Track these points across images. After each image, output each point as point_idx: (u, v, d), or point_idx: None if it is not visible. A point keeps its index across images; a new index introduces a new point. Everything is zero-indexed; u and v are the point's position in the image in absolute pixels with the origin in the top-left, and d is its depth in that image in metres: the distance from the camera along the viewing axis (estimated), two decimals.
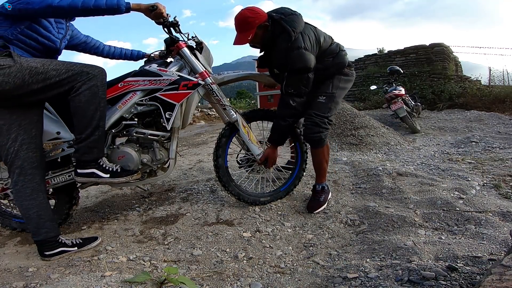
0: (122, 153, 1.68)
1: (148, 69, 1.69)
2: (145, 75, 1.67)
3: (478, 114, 5.71)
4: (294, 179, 2.09)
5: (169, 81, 1.65)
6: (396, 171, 2.47)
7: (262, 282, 1.27)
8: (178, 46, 1.77)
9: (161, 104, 1.66)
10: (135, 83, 1.65)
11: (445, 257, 1.26)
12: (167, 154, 1.79)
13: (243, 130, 1.88)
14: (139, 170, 1.69)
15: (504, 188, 2.08)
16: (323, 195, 1.98)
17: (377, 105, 7.31)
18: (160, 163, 1.79)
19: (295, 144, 2.10)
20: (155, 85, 1.65)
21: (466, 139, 3.88)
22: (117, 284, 1.10)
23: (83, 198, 2.37)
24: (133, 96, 1.66)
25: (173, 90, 1.66)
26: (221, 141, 1.93)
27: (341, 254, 1.47)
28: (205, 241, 1.62)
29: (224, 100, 1.85)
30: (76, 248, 1.54)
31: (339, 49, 1.92)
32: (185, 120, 1.80)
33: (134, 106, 1.67)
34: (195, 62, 1.78)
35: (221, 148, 1.93)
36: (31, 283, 1.27)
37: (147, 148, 1.76)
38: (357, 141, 3.79)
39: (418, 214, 1.75)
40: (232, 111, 1.88)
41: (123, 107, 1.65)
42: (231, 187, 1.95)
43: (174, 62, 1.80)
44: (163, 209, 2.04)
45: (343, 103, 5.84)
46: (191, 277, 1.31)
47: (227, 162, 1.96)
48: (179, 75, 1.68)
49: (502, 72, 9.23)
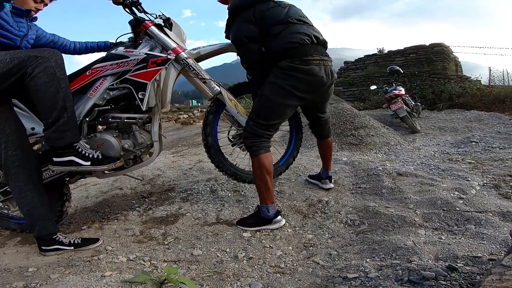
0: (100, 141, 1.62)
1: (115, 52, 1.65)
2: (112, 59, 1.62)
3: (478, 114, 5.71)
4: (292, 151, 2.01)
5: (136, 60, 1.60)
6: (396, 171, 2.47)
7: (262, 282, 1.27)
8: (145, 25, 1.71)
9: (132, 85, 1.61)
10: (103, 69, 1.60)
11: (445, 257, 1.26)
12: (150, 137, 1.73)
13: (229, 104, 1.79)
14: (121, 157, 1.64)
15: (504, 188, 2.08)
16: (253, 219, 1.74)
17: (377, 105, 7.30)
18: (143, 147, 1.73)
19: (291, 128, 2.06)
20: (123, 67, 1.60)
21: (466, 139, 3.88)
22: (117, 284, 1.10)
23: (83, 198, 2.37)
24: (103, 81, 1.61)
25: (142, 69, 1.60)
26: (208, 118, 1.85)
27: (341, 254, 1.47)
28: (205, 241, 1.62)
29: (203, 73, 1.76)
30: (72, 247, 1.54)
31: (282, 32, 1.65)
32: (164, 99, 1.72)
33: (107, 92, 1.62)
34: (166, 39, 1.71)
35: (209, 126, 1.84)
36: (31, 283, 1.27)
37: (127, 133, 1.70)
38: (357, 141, 3.79)
39: (418, 214, 1.75)
40: (213, 84, 1.79)
41: (94, 94, 1.60)
42: (226, 167, 1.86)
43: (143, 43, 1.74)
44: (163, 209, 2.04)
45: (343, 103, 5.84)
46: (191, 277, 1.31)
47: (217, 140, 1.87)
48: (146, 53, 1.63)
49: (502, 72, 9.24)
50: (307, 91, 1.69)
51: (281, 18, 1.68)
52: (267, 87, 1.67)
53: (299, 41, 1.63)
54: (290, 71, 1.63)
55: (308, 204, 2.02)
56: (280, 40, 1.63)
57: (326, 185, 2.20)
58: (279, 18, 1.68)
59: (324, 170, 2.22)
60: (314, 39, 1.69)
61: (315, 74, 1.65)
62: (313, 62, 1.65)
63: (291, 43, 1.62)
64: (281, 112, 1.70)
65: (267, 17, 1.68)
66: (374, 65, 9.25)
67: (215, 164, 1.88)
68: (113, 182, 2.73)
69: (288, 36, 1.63)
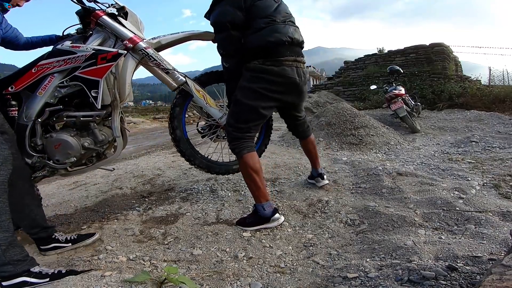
0: (58, 141, 1.52)
1: (60, 48, 1.52)
2: (58, 55, 1.49)
3: (478, 114, 5.71)
4: (263, 138, 1.99)
5: (84, 57, 1.48)
6: (396, 171, 2.47)
7: (262, 282, 1.27)
8: (95, 15, 1.58)
9: (83, 83, 1.49)
10: (50, 66, 1.48)
11: (445, 257, 1.26)
12: (111, 133, 1.64)
13: (197, 95, 1.72)
14: (82, 156, 1.56)
15: (504, 188, 2.08)
16: (251, 218, 1.72)
17: (377, 104, 7.31)
18: (104, 144, 1.64)
19: None
20: (70, 63, 1.48)
21: (466, 139, 3.88)
22: (117, 284, 1.10)
23: (82, 198, 2.37)
24: (52, 79, 1.49)
25: (92, 65, 1.48)
26: (174, 111, 1.79)
27: (341, 254, 1.47)
28: (205, 240, 1.62)
29: (165, 63, 1.68)
30: (70, 244, 1.54)
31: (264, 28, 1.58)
32: (122, 92, 1.61)
33: (57, 90, 1.50)
34: (121, 29, 1.59)
35: (176, 119, 1.77)
36: None
37: (86, 130, 1.60)
38: (357, 141, 3.79)
39: (418, 214, 1.75)
40: (177, 74, 1.70)
41: (44, 92, 1.48)
42: (198, 159, 1.81)
43: (94, 35, 1.61)
44: (163, 209, 2.04)
45: (343, 102, 5.85)
46: (191, 276, 1.30)
47: (186, 133, 1.81)
48: (94, 49, 1.50)
49: (502, 72, 9.26)
50: (281, 92, 1.67)
51: (269, 13, 1.63)
52: (240, 92, 1.65)
53: (277, 41, 1.60)
54: (260, 73, 1.60)
55: (308, 204, 2.03)
56: (259, 37, 1.59)
57: (320, 183, 2.21)
58: (267, 13, 1.63)
59: (314, 169, 2.23)
60: (292, 40, 1.67)
61: (286, 75, 1.63)
62: (285, 63, 1.63)
63: (268, 42, 1.59)
64: (259, 114, 1.67)
65: (257, 7, 1.61)
66: (374, 65, 9.27)
67: (185, 158, 1.82)
68: (113, 181, 2.73)
69: (268, 34, 1.59)
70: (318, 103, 7.58)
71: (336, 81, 9.68)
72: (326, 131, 4.05)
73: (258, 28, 1.60)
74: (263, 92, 1.62)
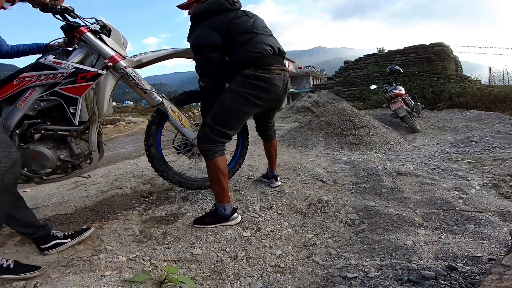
0: (34, 153, 1.55)
1: (43, 62, 1.55)
2: (40, 69, 1.53)
3: (478, 114, 5.71)
4: (238, 158, 2.05)
5: (65, 74, 1.52)
6: (396, 171, 2.47)
7: (262, 282, 1.27)
8: (79, 31, 1.62)
9: (62, 98, 1.53)
10: (31, 79, 1.51)
11: (444, 257, 1.26)
12: (88, 147, 1.68)
13: (172, 116, 1.78)
14: (58, 167, 1.60)
15: (504, 188, 2.08)
16: (210, 217, 1.75)
17: (377, 104, 7.31)
18: (80, 157, 1.67)
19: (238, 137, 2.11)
20: (51, 79, 1.52)
21: (466, 139, 3.88)
22: (117, 283, 1.10)
23: (82, 198, 2.37)
24: (32, 92, 1.52)
25: (71, 83, 1.52)
26: (150, 129, 1.84)
27: (341, 254, 1.47)
28: (205, 240, 1.62)
29: (143, 83, 1.74)
30: (69, 239, 1.54)
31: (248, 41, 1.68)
32: (101, 109, 1.65)
33: (37, 103, 1.53)
34: (102, 46, 1.64)
35: (152, 137, 1.83)
36: (31, 283, 1.27)
37: (62, 143, 1.62)
38: (357, 141, 3.79)
39: (418, 214, 1.75)
40: (155, 94, 1.77)
41: (23, 105, 1.51)
42: (171, 175, 1.87)
43: (77, 50, 1.66)
44: (163, 209, 2.04)
45: (343, 102, 5.84)
46: (191, 276, 1.31)
47: (161, 150, 1.88)
48: (75, 67, 1.54)
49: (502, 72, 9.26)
50: (264, 99, 1.73)
51: (247, 28, 1.71)
52: (228, 94, 1.69)
53: (263, 51, 1.68)
54: (253, 79, 1.66)
55: (308, 204, 2.03)
56: (245, 49, 1.66)
57: (273, 184, 2.26)
58: (246, 28, 1.71)
59: (270, 170, 2.29)
60: (276, 49, 1.75)
61: (275, 84, 1.71)
62: (275, 71, 1.70)
63: (255, 52, 1.66)
64: (239, 119, 1.74)
65: (235, 25, 1.69)
66: (374, 64, 9.27)
67: (159, 173, 1.89)
68: (113, 181, 2.73)
69: (253, 46, 1.67)
70: (318, 103, 7.57)
71: (336, 81, 9.68)
72: (326, 131, 4.05)
73: (242, 42, 1.68)
74: (250, 98, 1.67)
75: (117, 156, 4.74)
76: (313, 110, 7.08)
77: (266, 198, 2.10)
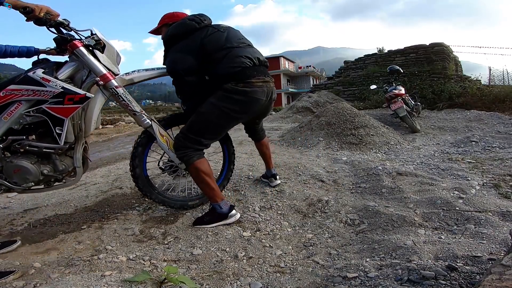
0: (16, 167, 1.52)
1: (31, 76, 1.48)
2: (28, 83, 1.47)
3: (478, 114, 5.71)
4: (222, 180, 2.09)
5: (52, 93, 1.47)
6: (396, 171, 2.47)
7: (262, 282, 1.27)
8: (72, 45, 1.57)
9: (49, 117, 1.50)
10: (18, 93, 1.46)
11: (444, 257, 1.26)
12: (72, 163, 1.65)
13: (160, 139, 1.78)
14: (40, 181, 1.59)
15: (504, 188, 2.08)
16: (209, 217, 1.77)
17: (377, 104, 7.31)
18: (64, 172, 1.65)
19: (223, 146, 2.10)
20: (39, 96, 1.47)
21: (466, 139, 3.88)
22: (117, 283, 1.10)
23: (82, 198, 2.37)
24: (19, 106, 1.48)
25: (59, 103, 1.49)
26: (137, 151, 1.83)
27: (341, 254, 1.47)
28: (205, 240, 1.62)
29: (132, 105, 1.71)
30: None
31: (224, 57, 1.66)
32: (88, 127, 1.63)
33: (23, 117, 1.49)
34: (95, 63, 1.59)
35: (138, 158, 1.82)
36: (31, 283, 1.27)
37: (46, 159, 1.59)
38: (357, 141, 3.79)
39: (418, 214, 1.75)
40: (144, 117, 1.75)
41: (9, 118, 1.47)
42: (154, 195, 1.89)
43: (68, 63, 1.61)
44: (163, 209, 2.04)
45: (343, 102, 5.84)
46: (191, 276, 1.31)
47: (146, 171, 1.89)
48: (62, 87, 1.48)
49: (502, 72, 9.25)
50: (245, 112, 1.74)
51: (222, 43, 1.69)
52: (206, 106, 1.67)
53: (241, 65, 1.66)
54: (234, 94, 1.64)
55: (308, 204, 2.03)
56: (224, 65, 1.65)
57: (273, 182, 2.27)
58: (220, 44, 1.69)
59: (268, 169, 2.29)
60: (256, 60, 1.72)
61: (256, 97, 1.69)
62: (256, 84, 1.68)
63: (234, 67, 1.64)
64: (215, 131, 1.75)
65: (208, 43, 1.67)
66: (374, 64, 9.26)
67: (142, 192, 1.91)
68: (113, 181, 2.73)
69: (231, 61, 1.65)
70: (318, 103, 7.57)
71: (336, 81, 9.68)
72: (326, 131, 4.05)
73: (219, 59, 1.66)
74: (229, 112, 1.67)
75: (117, 156, 4.73)
76: (313, 110, 7.08)
77: (266, 198, 2.10)
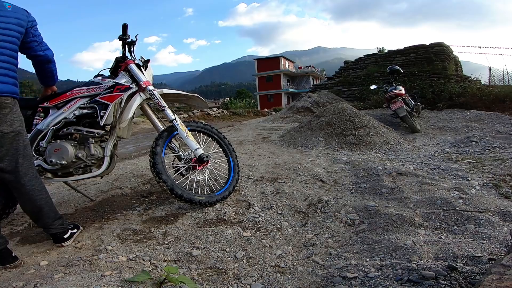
0: (58, 146, 1.86)
1: (93, 80, 2.02)
2: (89, 84, 1.98)
3: (478, 114, 5.71)
4: (228, 187, 2.14)
5: (106, 86, 1.95)
6: (396, 171, 2.47)
7: (262, 282, 1.27)
8: (127, 62, 2.08)
9: (98, 105, 1.92)
10: (80, 91, 1.95)
11: (445, 257, 1.26)
12: (102, 152, 1.97)
13: (181, 128, 2.05)
14: (73, 164, 1.88)
15: (504, 188, 2.08)
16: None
17: (377, 104, 7.30)
18: (94, 158, 1.94)
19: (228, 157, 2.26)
20: (95, 91, 1.95)
21: (466, 139, 3.88)
22: (117, 283, 1.10)
23: (82, 198, 2.37)
24: (78, 101, 1.92)
25: (109, 93, 1.93)
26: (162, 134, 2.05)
27: (341, 254, 1.47)
28: (205, 240, 1.62)
29: (163, 103, 2.06)
30: None
31: None
32: (125, 116, 1.94)
33: (77, 109, 1.91)
34: (140, 74, 2.07)
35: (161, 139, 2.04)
36: (31, 283, 1.27)
37: (83, 145, 1.94)
38: (357, 141, 3.79)
39: (418, 214, 1.75)
40: (170, 112, 2.05)
41: (67, 110, 1.90)
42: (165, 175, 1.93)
43: (120, 76, 2.08)
44: (163, 209, 2.04)
45: (343, 102, 5.84)
46: (191, 276, 1.31)
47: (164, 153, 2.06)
48: (114, 82, 1.98)
49: (502, 72, 9.23)
50: None
51: None
52: None
53: None
54: None
55: (308, 204, 2.03)
56: None
57: None
58: None
59: None
60: None
61: None
62: None
63: None
64: None
65: None
66: (374, 64, 9.26)
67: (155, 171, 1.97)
68: (113, 181, 2.73)
69: None
70: (318, 103, 7.56)
71: (336, 81, 9.68)
72: (326, 131, 4.05)
73: None
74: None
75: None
76: (313, 110, 7.08)
77: (266, 198, 2.10)
